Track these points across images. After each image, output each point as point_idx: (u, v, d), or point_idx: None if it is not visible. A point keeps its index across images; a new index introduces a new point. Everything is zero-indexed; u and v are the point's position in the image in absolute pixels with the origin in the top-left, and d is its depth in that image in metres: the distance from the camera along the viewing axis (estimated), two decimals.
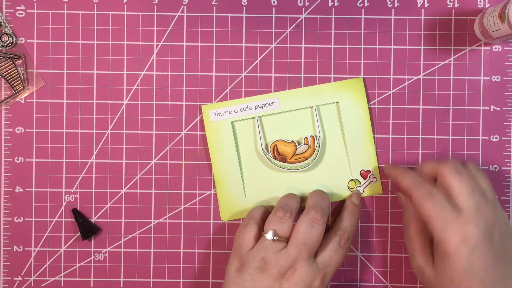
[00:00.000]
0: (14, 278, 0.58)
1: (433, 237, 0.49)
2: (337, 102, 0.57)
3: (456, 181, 0.49)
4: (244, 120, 0.58)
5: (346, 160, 0.58)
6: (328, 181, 0.58)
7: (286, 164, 0.57)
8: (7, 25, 0.58)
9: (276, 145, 0.57)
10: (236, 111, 0.57)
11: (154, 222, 0.58)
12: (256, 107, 0.57)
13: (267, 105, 0.57)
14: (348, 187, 0.58)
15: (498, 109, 0.58)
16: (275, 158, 0.57)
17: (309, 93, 0.57)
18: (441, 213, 0.48)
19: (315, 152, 0.57)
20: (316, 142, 0.57)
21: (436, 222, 0.48)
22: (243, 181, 0.58)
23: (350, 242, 0.54)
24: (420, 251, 0.52)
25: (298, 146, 0.57)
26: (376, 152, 0.58)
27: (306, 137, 0.57)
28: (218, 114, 0.57)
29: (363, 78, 0.58)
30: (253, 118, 0.58)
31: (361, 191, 0.58)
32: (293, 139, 0.58)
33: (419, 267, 0.51)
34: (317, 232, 0.50)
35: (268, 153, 0.57)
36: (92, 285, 0.58)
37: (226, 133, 0.57)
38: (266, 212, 0.55)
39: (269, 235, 0.50)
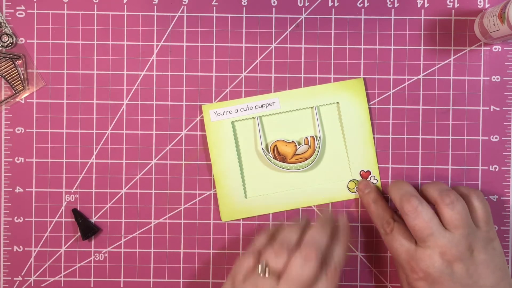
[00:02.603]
0: (14, 278, 0.58)
1: None
2: (338, 103, 0.57)
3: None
4: (244, 120, 0.58)
5: (346, 160, 0.58)
6: (328, 181, 0.58)
7: (286, 164, 0.57)
8: (7, 25, 0.58)
9: (276, 145, 0.57)
10: (236, 111, 0.57)
11: (154, 222, 0.58)
12: (257, 107, 0.57)
13: (267, 105, 0.57)
14: (348, 187, 0.58)
15: (498, 109, 0.58)
16: (275, 158, 0.57)
17: (310, 93, 0.57)
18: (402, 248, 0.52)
19: (315, 152, 0.57)
20: (316, 142, 0.57)
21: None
22: (243, 181, 0.58)
23: (339, 272, 0.50)
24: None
25: (298, 146, 0.57)
26: (376, 152, 0.58)
27: (306, 138, 0.57)
28: (219, 114, 0.57)
29: (364, 78, 0.58)
30: (253, 118, 0.58)
31: None
32: (294, 139, 0.58)
33: None
34: (310, 269, 0.47)
35: (268, 153, 0.57)
36: (92, 285, 0.58)
37: (226, 133, 0.57)
38: (271, 238, 0.52)
39: (260, 269, 0.48)
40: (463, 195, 0.52)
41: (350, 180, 0.58)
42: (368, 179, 0.58)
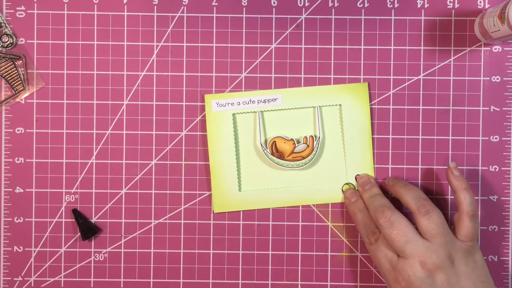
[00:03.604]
0: (14, 279, 0.58)
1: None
2: (340, 105, 0.57)
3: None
4: (245, 114, 0.58)
5: (343, 163, 0.58)
6: (323, 182, 0.58)
7: (283, 162, 0.57)
8: (7, 25, 0.58)
9: (275, 141, 0.57)
10: (238, 103, 0.57)
11: (154, 222, 0.58)
12: (259, 101, 0.57)
13: (270, 100, 0.57)
14: (342, 190, 0.58)
15: (498, 109, 0.58)
16: (272, 154, 0.57)
17: (313, 93, 0.57)
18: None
19: (313, 152, 0.57)
20: (315, 142, 0.57)
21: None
22: (239, 174, 0.58)
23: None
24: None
25: (296, 145, 0.57)
26: (375, 151, 0.58)
27: (306, 137, 0.57)
28: (220, 105, 0.57)
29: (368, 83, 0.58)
30: (254, 112, 0.58)
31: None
32: (293, 137, 0.58)
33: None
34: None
35: (266, 148, 0.57)
36: (92, 286, 0.58)
37: (226, 125, 0.57)
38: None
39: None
40: (459, 203, 0.52)
41: (345, 183, 0.58)
42: None
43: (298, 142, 0.58)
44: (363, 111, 0.57)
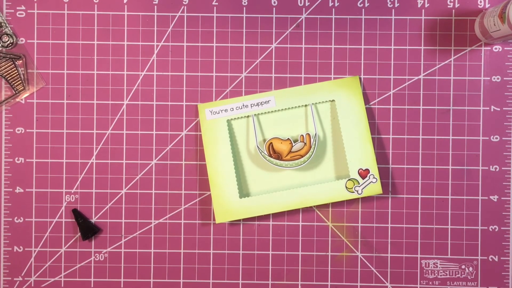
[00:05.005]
0: (15, 279, 0.58)
1: None
2: (333, 100, 0.57)
3: None
4: (240, 119, 0.58)
5: (343, 158, 0.58)
6: (326, 181, 0.58)
7: (282, 162, 0.57)
8: (7, 25, 0.58)
9: (271, 142, 0.57)
10: (232, 109, 0.57)
11: (154, 222, 0.58)
12: (252, 105, 0.57)
13: (263, 103, 0.57)
14: (346, 187, 0.58)
15: (499, 109, 0.58)
16: (270, 155, 0.57)
17: (305, 91, 0.57)
18: None
19: (311, 149, 0.57)
20: (312, 139, 0.57)
21: None
22: (238, 181, 0.58)
23: None
24: None
25: (294, 144, 0.57)
26: (375, 151, 0.58)
27: (302, 135, 0.57)
28: (214, 113, 0.57)
29: (359, 76, 0.58)
30: (248, 116, 0.58)
31: (360, 192, 0.58)
32: (289, 137, 0.57)
33: None
34: None
35: (263, 150, 0.57)
36: (92, 286, 0.58)
37: (221, 132, 0.57)
38: None
39: None
40: None
41: (348, 179, 0.57)
42: (367, 178, 0.57)
43: (295, 141, 0.58)
44: (358, 104, 0.57)
